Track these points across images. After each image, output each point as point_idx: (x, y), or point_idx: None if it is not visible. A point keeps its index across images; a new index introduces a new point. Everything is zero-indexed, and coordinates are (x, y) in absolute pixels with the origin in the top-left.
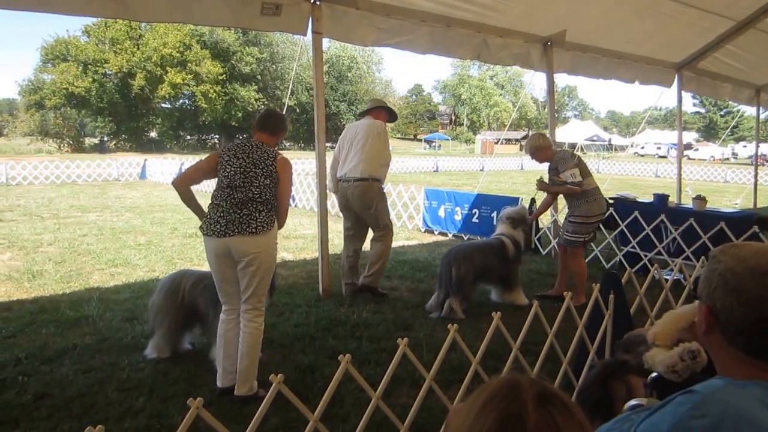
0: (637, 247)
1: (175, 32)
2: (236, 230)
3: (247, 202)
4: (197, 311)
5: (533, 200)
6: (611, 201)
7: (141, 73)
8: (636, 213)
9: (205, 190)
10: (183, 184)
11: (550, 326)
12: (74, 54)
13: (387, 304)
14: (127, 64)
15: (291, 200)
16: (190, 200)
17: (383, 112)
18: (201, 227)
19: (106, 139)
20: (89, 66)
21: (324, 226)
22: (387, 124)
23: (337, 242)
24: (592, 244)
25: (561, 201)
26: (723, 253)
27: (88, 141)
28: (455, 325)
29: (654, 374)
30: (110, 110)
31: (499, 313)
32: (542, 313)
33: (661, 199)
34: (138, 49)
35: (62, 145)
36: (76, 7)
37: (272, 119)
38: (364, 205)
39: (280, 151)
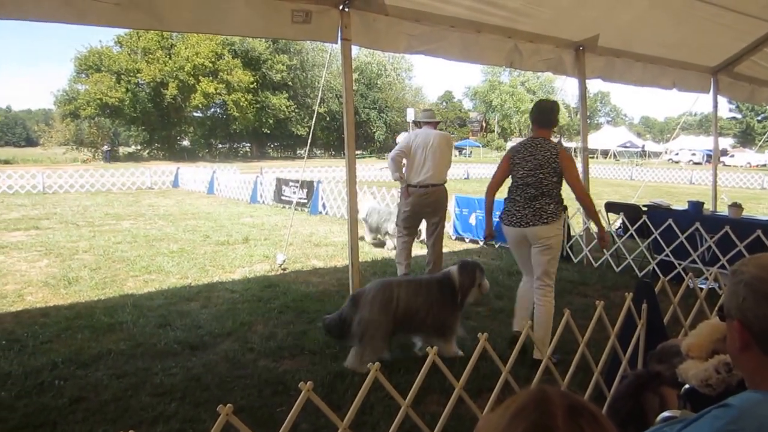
0: (671, 255)
1: (207, 42)
2: (531, 221)
3: (538, 197)
4: (414, 319)
5: (565, 207)
6: (645, 208)
7: (173, 83)
8: (670, 221)
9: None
10: (493, 190)
11: (581, 336)
12: (107, 64)
13: None
14: (159, 74)
15: (322, 207)
16: (491, 204)
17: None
18: (501, 217)
19: (107, 148)
20: (122, 76)
21: (354, 234)
22: None
23: (366, 249)
24: (625, 252)
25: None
26: (744, 265)
27: (122, 150)
28: (485, 333)
29: (687, 386)
30: (143, 119)
31: (529, 322)
32: (574, 323)
33: (696, 206)
34: (170, 58)
35: (96, 154)
36: (111, 19)
37: (553, 114)
38: (440, 206)
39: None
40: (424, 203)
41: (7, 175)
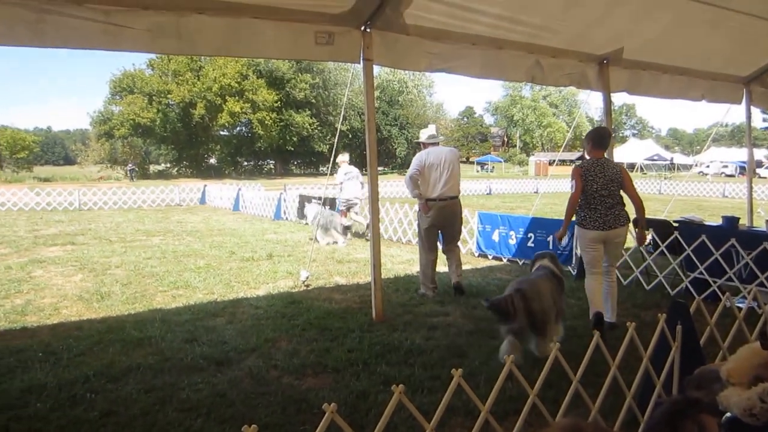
0: (705, 273)
1: (233, 63)
2: (613, 225)
3: (615, 205)
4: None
5: None
6: (675, 224)
7: (201, 103)
8: (703, 237)
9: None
10: (577, 202)
11: (612, 357)
12: (140, 86)
13: (440, 330)
14: (188, 95)
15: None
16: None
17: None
18: (580, 222)
19: (131, 166)
20: (154, 97)
21: (377, 251)
22: None
23: (389, 266)
24: (655, 269)
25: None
26: None
27: (152, 168)
28: (512, 356)
29: (729, 415)
30: (173, 138)
31: (558, 343)
32: (604, 343)
33: (731, 221)
34: (198, 80)
35: (137, 173)
36: (144, 45)
37: (608, 139)
38: (457, 217)
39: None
40: (444, 215)
41: (47, 193)
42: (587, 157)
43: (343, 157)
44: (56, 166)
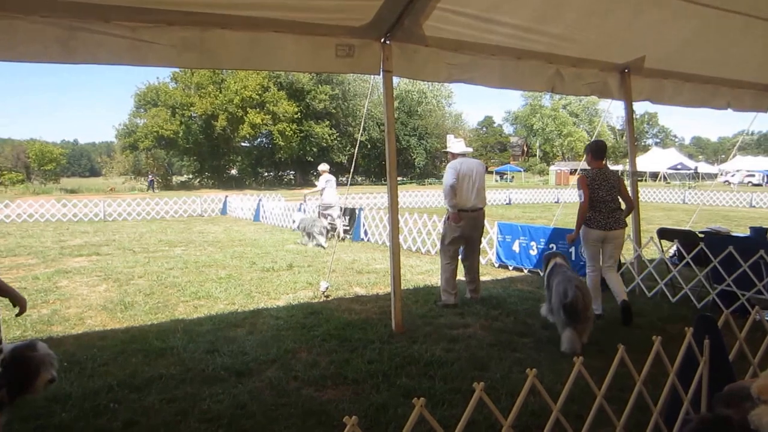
0: (732, 285)
1: (255, 75)
2: (614, 226)
3: (616, 209)
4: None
5: None
6: (701, 235)
7: (223, 115)
8: (730, 248)
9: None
10: (586, 208)
11: (638, 372)
12: (163, 99)
13: (461, 342)
14: (210, 107)
15: (363, 234)
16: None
17: None
18: (586, 223)
19: (151, 178)
20: (177, 110)
21: (396, 261)
22: None
23: (408, 277)
24: (681, 281)
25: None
26: None
27: (175, 179)
28: (534, 370)
29: None
30: (195, 150)
31: (581, 358)
32: (628, 357)
33: (759, 232)
34: (221, 92)
35: (155, 184)
36: (169, 60)
37: (606, 151)
38: (482, 227)
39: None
40: (473, 225)
41: (73, 204)
42: (588, 167)
43: (323, 167)
44: (82, 178)
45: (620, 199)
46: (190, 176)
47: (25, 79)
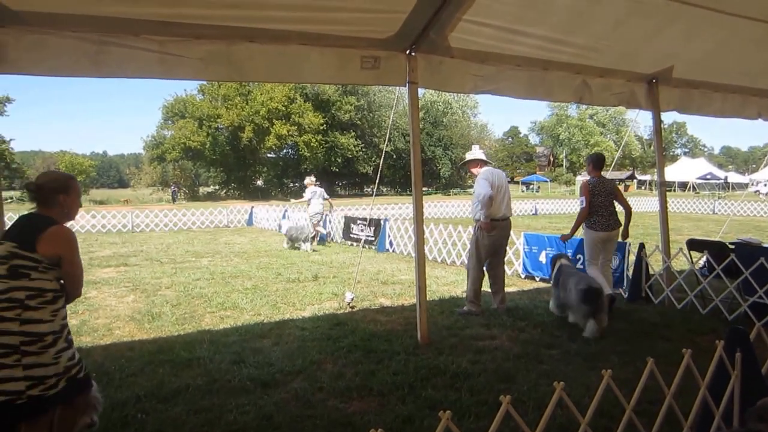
0: (765, 297)
1: (281, 87)
2: (614, 227)
3: (613, 213)
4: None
5: (642, 245)
6: (732, 246)
7: (249, 126)
8: (762, 259)
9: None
10: (586, 213)
11: (667, 385)
12: (191, 111)
13: (487, 353)
14: (237, 119)
15: (389, 245)
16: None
17: None
18: (590, 226)
19: (174, 189)
20: (204, 121)
21: (422, 272)
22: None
23: (434, 288)
24: (711, 293)
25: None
26: None
27: (202, 190)
28: (561, 383)
29: None
30: (221, 161)
31: (609, 371)
32: (658, 370)
33: None
34: (247, 104)
35: (180, 195)
36: (196, 73)
37: (604, 162)
38: (509, 236)
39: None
40: (504, 234)
41: (102, 215)
42: (589, 176)
43: (310, 179)
44: (111, 189)
45: (617, 205)
46: (217, 187)
47: (54, 91)
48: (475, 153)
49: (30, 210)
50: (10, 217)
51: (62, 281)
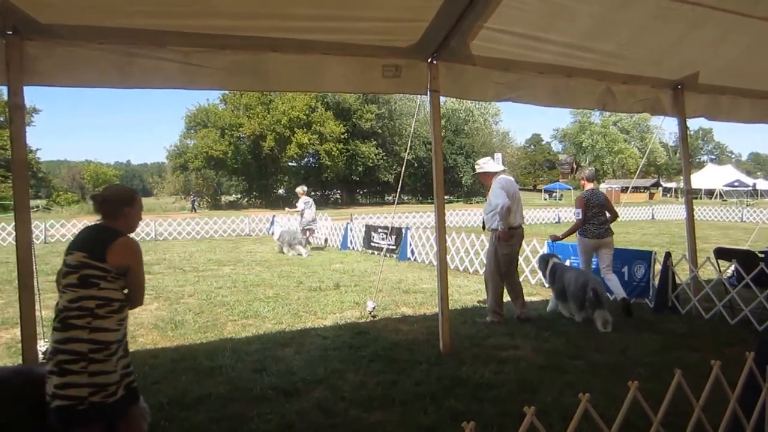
0: None
1: (302, 96)
2: (604, 235)
3: (605, 221)
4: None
5: (668, 254)
6: (761, 255)
7: (271, 135)
8: None
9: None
10: (581, 225)
11: (696, 398)
12: (213, 120)
13: (510, 363)
14: (258, 128)
15: (410, 254)
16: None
17: None
18: (583, 233)
19: (193, 198)
20: (226, 131)
21: (444, 282)
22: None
23: (456, 297)
24: (741, 303)
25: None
26: None
27: (224, 199)
28: (587, 394)
29: None
30: (243, 170)
31: (636, 382)
32: (686, 382)
33: None
34: (268, 113)
35: (201, 203)
36: (220, 83)
37: (595, 175)
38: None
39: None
40: (520, 242)
41: None
42: (583, 189)
43: (302, 189)
44: None
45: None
46: (239, 196)
47: (80, 102)
48: (487, 164)
49: (96, 221)
50: (36, 225)
51: (125, 291)
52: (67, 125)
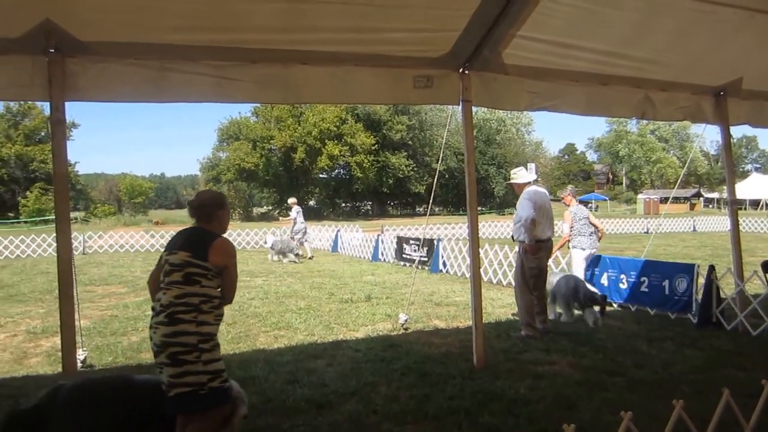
0: None
1: (333, 108)
2: (594, 246)
3: (594, 232)
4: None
5: (712, 267)
6: None
7: (302, 147)
8: None
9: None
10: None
11: (746, 419)
12: (245, 133)
13: (546, 379)
14: (289, 140)
15: (442, 266)
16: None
17: None
18: (575, 246)
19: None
20: (257, 143)
21: (477, 294)
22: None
23: (489, 310)
24: None
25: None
26: None
27: (255, 210)
28: (629, 412)
29: None
30: (275, 182)
31: (681, 401)
32: (734, 402)
33: None
34: (299, 125)
35: (233, 215)
36: (252, 96)
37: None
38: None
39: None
40: (548, 255)
41: (160, 235)
42: (569, 205)
43: (293, 200)
44: (168, 210)
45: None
46: (270, 207)
47: (116, 118)
48: (519, 174)
49: (192, 225)
50: (74, 236)
51: (219, 289)
52: (103, 139)
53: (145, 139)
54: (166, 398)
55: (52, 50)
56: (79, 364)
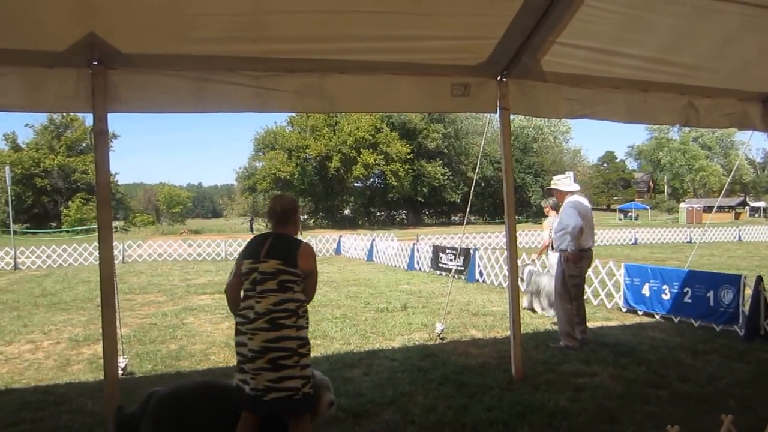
0: None
1: (368, 117)
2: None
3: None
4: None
5: (760, 278)
6: None
7: (337, 156)
8: None
9: None
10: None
11: None
12: (281, 142)
13: (587, 391)
14: (325, 149)
15: (479, 275)
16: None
17: None
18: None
19: (250, 218)
20: (293, 152)
21: (516, 304)
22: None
23: (527, 320)
24: None
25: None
26: None
27: None
28: (676, 426)
29: None
30: (310, 191)
31: (731, 416)
32: None
33: None
34: (334, 134)
35: (269, 224)
36: (290, 106)
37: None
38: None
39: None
40: (589, 264)
41: (197, 244)
42: (549, 216)
43: None
44: (205, 219)
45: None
46: (305, 216)
47: (155, 131)
48: (562, 182)
49: (269, 231)
50: (114, 245)
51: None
52: (142, 149)
53: (182, 149)
54: (260, 401)
55: (96, 62)
56: (120, 372)
